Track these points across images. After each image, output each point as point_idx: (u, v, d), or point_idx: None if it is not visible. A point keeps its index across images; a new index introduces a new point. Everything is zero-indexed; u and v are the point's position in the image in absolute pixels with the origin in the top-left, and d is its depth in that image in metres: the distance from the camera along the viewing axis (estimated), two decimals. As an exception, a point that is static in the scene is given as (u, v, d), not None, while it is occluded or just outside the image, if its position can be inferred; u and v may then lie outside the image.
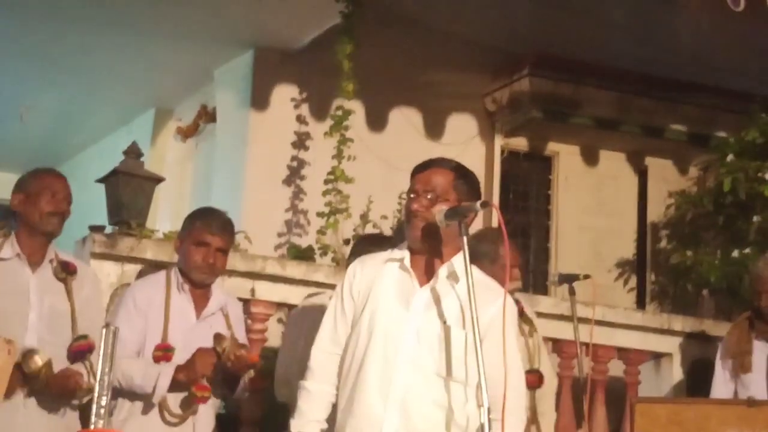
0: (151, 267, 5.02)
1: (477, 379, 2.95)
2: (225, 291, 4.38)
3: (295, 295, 5.23)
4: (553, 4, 7.11)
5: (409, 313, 3.17)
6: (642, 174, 8.78)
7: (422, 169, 3.28)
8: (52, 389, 3.71)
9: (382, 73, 7.58)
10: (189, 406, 3.95)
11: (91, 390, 3.53)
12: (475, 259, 4.15)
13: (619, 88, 8.11)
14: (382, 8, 7.26)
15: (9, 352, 3.56)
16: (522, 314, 4.65)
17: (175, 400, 3.95)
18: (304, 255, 6.11)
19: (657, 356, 6.39)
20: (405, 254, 3.24)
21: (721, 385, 5.40)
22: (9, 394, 3.64)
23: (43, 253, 3.91)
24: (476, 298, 3.02)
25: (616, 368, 6.11)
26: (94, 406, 2.89)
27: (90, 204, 6.73)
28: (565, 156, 8.59)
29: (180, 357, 3.96)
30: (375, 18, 7.13)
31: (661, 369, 6.41)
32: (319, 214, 6.83)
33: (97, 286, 4.13)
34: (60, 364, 3.73)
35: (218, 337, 3.95)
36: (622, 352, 6.07)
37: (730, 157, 7.51)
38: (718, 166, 7.68)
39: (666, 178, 8.68)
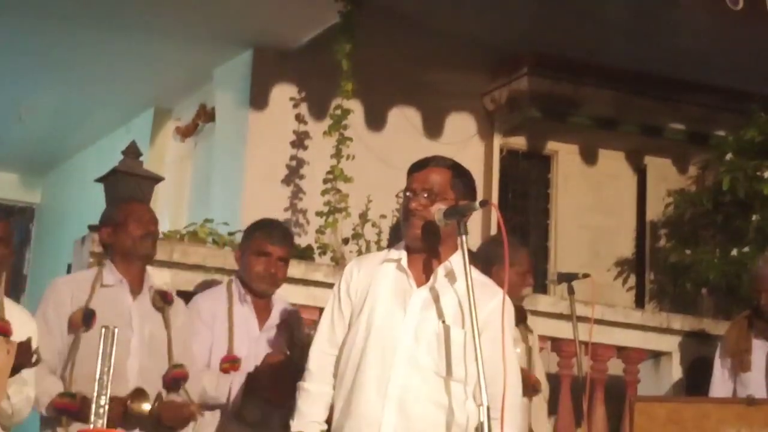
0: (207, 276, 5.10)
1: (476, 378, 2.95)
2: (284, 300, 4.42)
3: (294, 294, 5.22)
4: (551, 3, 7.11)
5: (406, 314, 3.17)
6: (641, 173, 8.78)
7: (419, 167, 3.28)
8: (165, 421, 3.81)
9: (381, 72, 7.57)
10: (261, 413, 4.03)
11: (199, 416, 3.76)
12: (491, 263, 4.19)
13: (618, 87, 8.11)
14: (381, 7, 7.25)
15: (8, 352, 3.56)
16: (524, 321, 4.67)
17: (249, 407, 4.03)
18: (303, 254, 6.11)
19: (656, 355, 6.39)
20: (402, 254, 3.24)
21: (720, 384, 5.40)
22: (111, 427, 3.72)
23: (141, 279, 4.02)
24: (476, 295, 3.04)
25: (615, 367, 6.11)
26: (94, 406, 2.90)
27: (89, 203, 6.75)
28: (564, 155, 8.59)
29: (244, 369, 4.04)
30: (374, 17, 7.13)
31: (660, 368, 6.41)
32: (318, 214, 6.83)
33: (188, 317, 4.20)
34: (155, 390, 3.85)
35: (287, 344, 4.06)
36: (622, 351, 6.07)
37: (729, 156, 7.51)
38: (717, 165, 7.69)
39: (665, 177, 8.68)
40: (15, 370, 3.54)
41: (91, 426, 2.91)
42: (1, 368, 3.53)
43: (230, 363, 4.04)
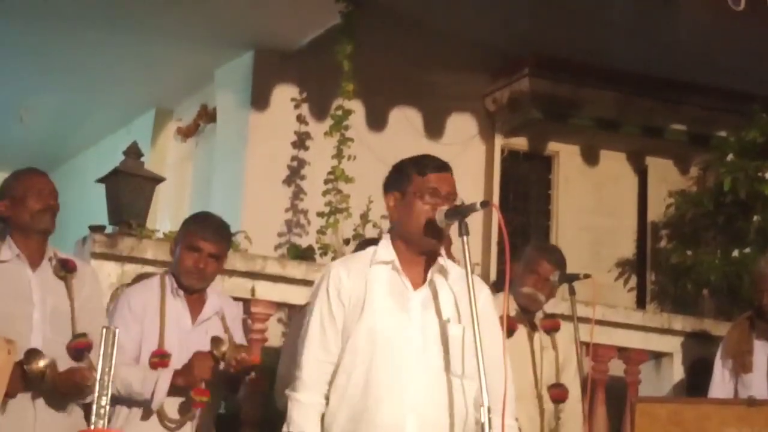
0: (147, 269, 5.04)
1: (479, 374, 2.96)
2: (220, 293, 4.35)
3: (295, 295, 5.23)
4: (552, 4, 7.11)
5: (409, 316, 3.15)
6: (642, 174, 8.78)
7: (444, 169, 3.26)
8: (60, 388, 3.70)
9: (382, 73, 7.58)
10: (187, 410, 3.95)
11: (40, 377, 3.59)
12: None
13: (619, 88, 8.11)
14: (382, 8, 7.26)
15: (9, 352, 3.56)
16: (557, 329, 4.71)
17: (173, 406, 3.95)
18: (304, 255, 6.12)
19: (657, 356, 6.39)
20: (392, 255, 3.18)
21: (720, 385, 5.39)
22: (12, 394, 3.64)
23: (41, 252, 3.91)
24: (462, 290, 3.10)
25: (616, 368, 6.11)
26: (95, 406, 2.89)
27: (90, 204, 6.76)
28: (565, 156, 8.60)
29: (176, 362, 3.96)
30: (375, 18, 7.14)
31: (661, 369, 6.41)
32: (320, 214, 6.83)
33: (97, 284, 4.11)
34: (64, 363, 3.72)
35: (216, 341, 3.94)
36: (623, 352, 6.07)
37: (730, 157, 7.51)
38: (718, 166, 7.68)
39: (666, 178, 8.68)
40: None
41: (92, 426, 2.88)
42: (1, 368, 3.53)
43: (159, 358, 3.95)
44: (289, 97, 7.58)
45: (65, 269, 3.91)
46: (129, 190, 5.68)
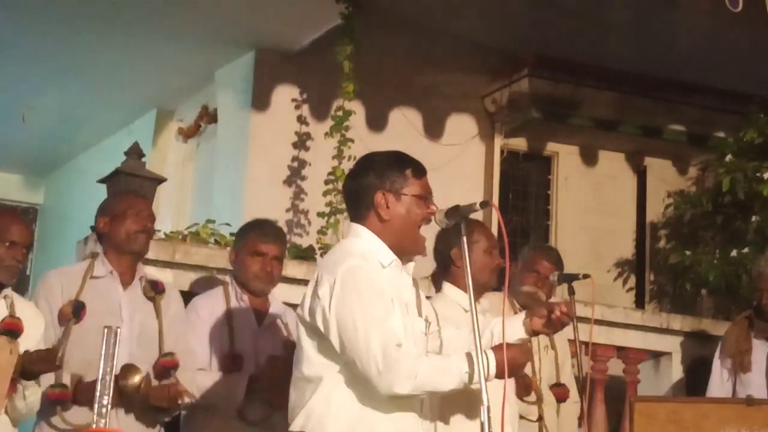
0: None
1: None
2: (281, 303, 4.42)
3: (296, 295, 5.23)
4: (552, 5, 7.13)
5: (417, 319, 3.18)
6: (641, 174, 8.80)
7: (425, 173, 3.22)
8: (154, 401, 3.82)
9: (383, 73, 7.60)
10: (266, 412, 4.03)
11: (191, 398, 3.74)
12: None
13: (618, 88, 8.13)
14: (382, 9, 7.28)
15: (11, 352, 3.59)
16: None
17: (252, 408, 4.03)
18: (305, 255, 6.13)
19: (656, 355, 6.41)
20: (392, 257, 3.12)
21: (718, 384, 5.42)
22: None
23: (133, 271, 4.03)
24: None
25: (615, 367, 6.13)
26: (96, 406, 2.92)
27: (92, 204, 6.76)
28: (565, 156, 8.61)
29: (247, 364, 4.06)
30: (375, 19, 7.16)
31: (660, 368, 6.43)
32: (320, 214, 6.86)
33: (181, 305, 4.21)
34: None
35: (287, 347, 4.00)
36: (622, 351, 6.09)
37: (728, 157, 7.53)
38: (717, 166, 7.70)
39: (665, 178, 8.70)
40: (36, 374, 3.58)
41: (94, 426, 2.91)
42: (4, 368, 3.56)
43: (232, 360, 4.05)
44: (289, 98, 7.61)
45: (155, 290, 4.03)
46: (130, 190, 5.69)
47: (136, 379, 3.75)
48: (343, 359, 2.97)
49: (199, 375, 3.99)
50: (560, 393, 4.65)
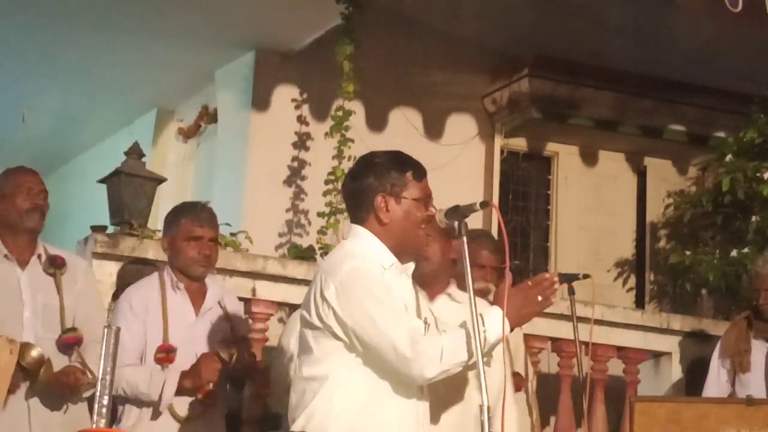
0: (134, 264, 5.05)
1: None
2: (219, 284, 4.37)
3: (296, 295, 5.25)
4: (552, 5, 7.13)
5: (417, 320, 3.17)
6: (641, 174, 8.80)
7: (425, 174, 3.20)
8: (54, 388, 3.73)
9: (383, 73, 7.60)
10: (196, 410, 3.97)
11: (92, 384, 3.59)
12: None
13: (618, 88, 8.13)
14: (382, 9, 7.28)
15: (11, 352, 3.59)
16: None
17: (182, 404, 3.97)
18: (305, 255, 6.14)
19: (656, 355, 6.41)
20: (394, 260, 3.11)
21: (715, 384, 5.41)
22: (12, 389, 3.67)
23: (31, 250, 3.93)
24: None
25: (615, 367, 6.13)
26: (96, 406, 2.91)
27: (91, 204, 6.78)
28: (565, 156, 8.62)
29: (183, 355, 3.98)
30: (375, 19, 7.16)
31: (660, 368, 6.44)
32: (320, 214, 6.85)
33: (90, 277, 4.13)
34: (57, 359, 3.76)
35: (224, 343, 3.96)
36: (622, 351, 6.10)
37: (728, 157, 7.53)
38: (717, 166, 7.70)
39: (665, 178, 8.70)
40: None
41: (94, 426, 2.90)
42: (3, 368, 3.56)
43: (165, 353, 3.97)
44: (289, 98, 7.61)
45: (53, 265, 3.93)
46: (130, 190, 5.70)
47: (33, 354, 3.65)
48: (360, 357, 2.96)
49: (127, 370, 3.88)
50: (516, 383, 4.44)
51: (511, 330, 3.03)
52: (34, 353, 3.66)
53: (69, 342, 3.82)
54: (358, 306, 2.94)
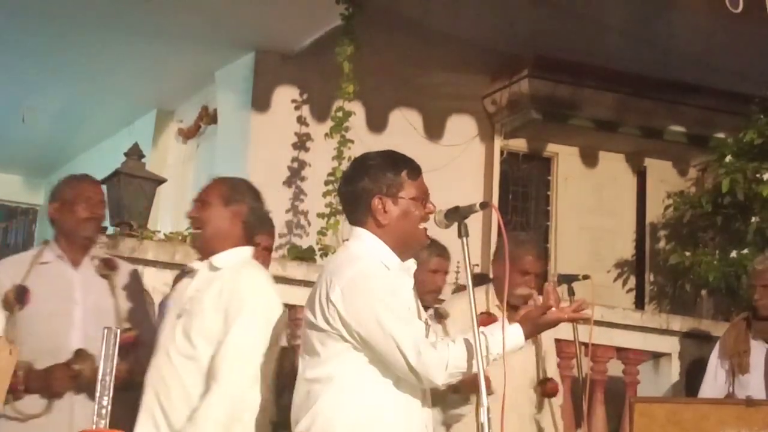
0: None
1: None
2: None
3: (295, 296, 5.25)
4: (552, 5, 7.14)
5: (418, 322, 3.17)
6: (641, 175, 8.81)
7: (421, 172, 3.19)
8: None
9: (383, 74, 7.61)
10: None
11: (89, 378, 3.56)
12: (497, 257, 4.28)
13: (618, 89, 8.14)
14: (382, 10, 7.28)
15: (11, 352, 3.58)
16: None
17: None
18: (304, 255, 6.15)
19: (656, 356, 6.42)
20: (397, 261, 3.10)
21: (711, 384, 5.39)
22: (60, 393, 3.70)
23: (84, 253, 3.95)
24: None
25: (615, 368, 6.13)
26: (96, 406, 2.90)
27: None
28: (565, 157, 8.62)
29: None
30: (375, 20, 7.16)
31: (660, 369, 6.44)
32: (320, 215, 6.86)
33: (138, 280, 4.15)
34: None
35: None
36: (621, 352, 6.10)
37: (728, 158, 7.53)
38: (717, 167, 7.70)
39: (665, 179, 8.71)
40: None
41: (94, 426, 2.90)
42: (2, 368, 3.55)
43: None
44: (289, 99, 7.62)
45: (108, 267, 3.95)
46: (130, 191, 5.71)
47: (88, 363, 3.64)
48: (367, 357, 2.96)
49: None
50: (550, 389, 4.39)
51: (526, 339, 3.05)
52: (89, 363, 3.67)
53: (126, 342, 3.85)
54: (364, 309, 2.94)
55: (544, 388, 4.43)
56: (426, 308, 4.25)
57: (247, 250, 3.57)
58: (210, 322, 3.33)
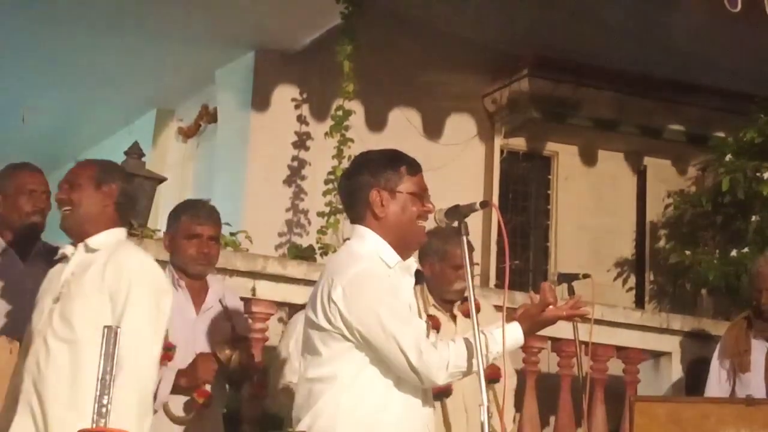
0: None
1: None
2: (221, 281, 4.37)
3: (296, 295, 5.26)
4: (552, 5, 7.13)
5: (419, 320, 3.17)
6: (641, 174, 8.80)
7: (420, 170, 3.21)
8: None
9: (382, 73, 7.61)
10: (191, 409, 3.96)
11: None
12: (425, 255, 4.20)
13: (618, 88, 8.13)
14: (382, 9, 7.28)
15: (11, 352, 3.59)
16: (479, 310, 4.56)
17: (178, 403, 3.97)
18: (304, 254, 6.14)
19: (656, 355, 6.41)
20: (398, 259, 3.11)
21: (716, 385, 5.41)
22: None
23: (32, 244, 3.98)
24: None
25: (615, 367, 6.13)
26: (96, 406, 2.90)
27: (92, 204, 6.76)
28: (564, 156, 8.62)
29: (182, 354, 3.98)
30: (375, 19, 7.16)
31: (660, 368, 6.44)
32: (320, 214, 6.86)
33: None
34: None
35: (223, 343, 3.96)
36: (622, 351, 6.10)
37: (728, 157, 7.54)
38: (717, 166, 7.71)
39: (665, 178, 8.71)
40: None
41: (93, 426, 2.89)
42: (2, 368, 3.55)
43: (165, 351, 3.87)
44: (289, 98, 7.61)
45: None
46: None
47: (227, 350, 3.80)
48: (369, 356, 2.97)
49: None
50: (490, 373, 4.35)
51: (525, 337, 3.08)
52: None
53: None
54: (366, 308, 2.96)
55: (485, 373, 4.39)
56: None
57: (122, 231, 3.56)
58: (94, 304, 3.29)
